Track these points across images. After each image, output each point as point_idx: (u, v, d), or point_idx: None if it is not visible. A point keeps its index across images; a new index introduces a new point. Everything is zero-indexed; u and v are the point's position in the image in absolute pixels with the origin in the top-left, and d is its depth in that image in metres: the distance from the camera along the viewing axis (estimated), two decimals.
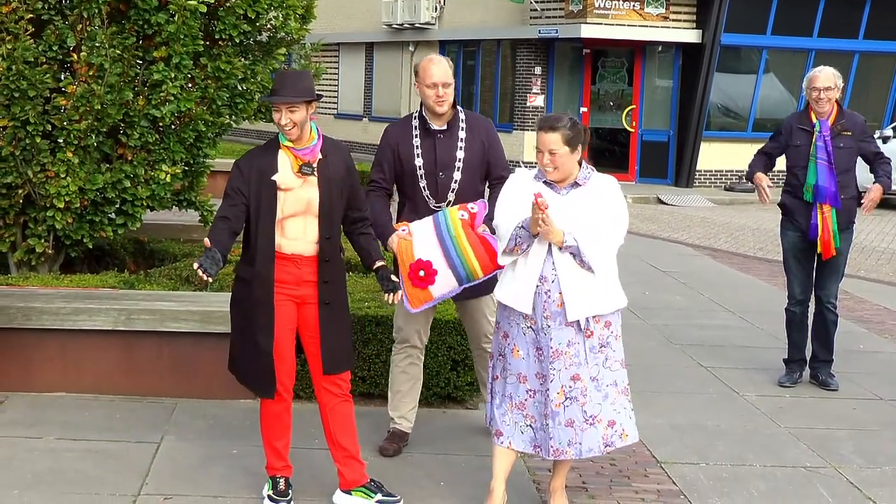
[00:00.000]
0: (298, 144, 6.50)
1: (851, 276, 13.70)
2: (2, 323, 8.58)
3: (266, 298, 6.44)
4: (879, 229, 21.75)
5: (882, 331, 12.40)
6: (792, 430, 8.75)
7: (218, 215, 6.45)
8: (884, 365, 10.88)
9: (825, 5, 28.79)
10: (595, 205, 6.55)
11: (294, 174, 6.49)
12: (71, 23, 9.68)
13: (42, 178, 9.70)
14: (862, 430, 8.81)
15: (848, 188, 9.62)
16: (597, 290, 6.52)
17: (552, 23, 27.96)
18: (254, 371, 6.57)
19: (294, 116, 6.37)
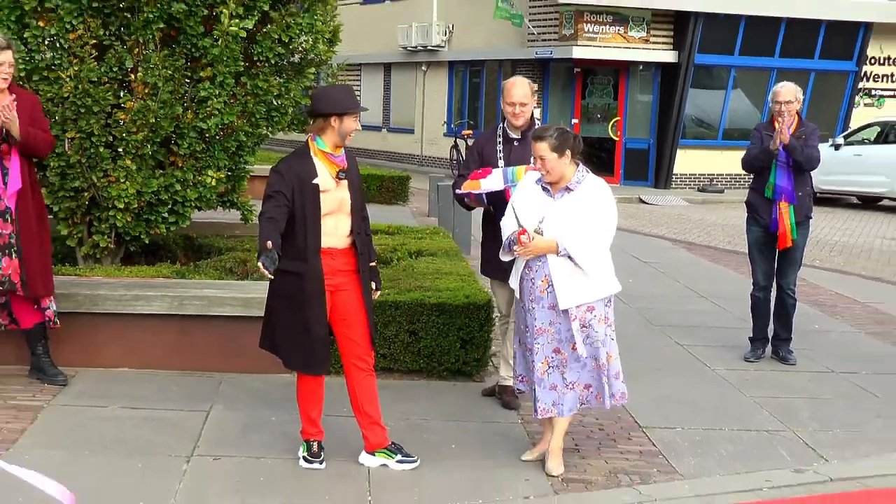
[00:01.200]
0: (336, 152, 6.63)
1: (808, 266, 13.73)
2: (71, 308, 8.65)
3: (320, 290, 6.56)
4: (833, 225, 21.74)
5: (834, 313, 12.45)
6: (756, 399, 8.84)
7: (266, 216, 6.42)
8: (835, 343, 10.95)
9: (785, 30, 28.76)
10: (583, 209, 6.76)
11: (332, 178, 6.60)
12: (129, 47, 9.70)
13: (105, 182, 9.74)
14: (817, 399, 8.89)
15: (804, 187, 9.73)
16: (584, 282, 6.74)
17: (547, 45, 27.91)
18: (306, 353, 6.66)
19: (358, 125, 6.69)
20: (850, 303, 13.17)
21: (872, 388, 9.30)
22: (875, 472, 7.36)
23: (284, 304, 6.66)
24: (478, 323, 8.93)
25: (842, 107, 30.18)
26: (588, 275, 6.72)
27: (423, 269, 10.12)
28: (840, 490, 7.06)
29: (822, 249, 17.59)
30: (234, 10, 9.64)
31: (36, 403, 7.91)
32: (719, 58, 28.57)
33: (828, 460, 7.48)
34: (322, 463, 6.88)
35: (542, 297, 6.84)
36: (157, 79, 9.59)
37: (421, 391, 8.66)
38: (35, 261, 8.09)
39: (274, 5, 10.20)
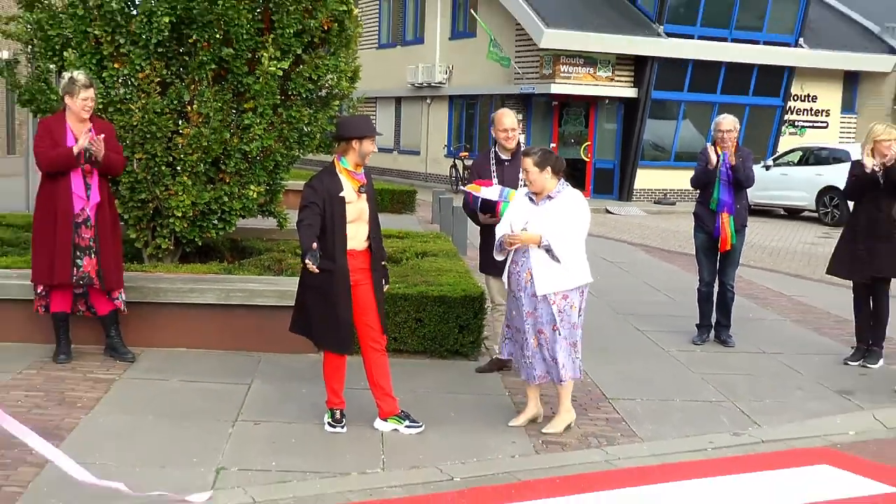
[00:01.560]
0: (357, 170, 6.72)
1: (744, 266, 13.68)
2: (138, 298, 8.67)
3: (346, 284, 6.63)
4: (764, 232, 21.73)
5: (766, 304, 12.45)
6: (702, 375, 8.85)
7: (304, 223, 6.48)
8: (766, 329, 10.94)
9: (725, 72, 28.78)
10: (561, 213, 6.91)
11: (354, 192, 6.68)
12: (186, 84, 9.72)
13: (166, 195, 9.75)
14: (751, 375, 8.90)
15: (741, 201, 9.75)
16: (558, 274, 6.85)
17: (530, 83, 27.91)
18: (336, 336, 6.71)
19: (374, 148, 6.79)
20: (777, 296, 13.17)
21: (796, 366, 9.30)
22: (798, 434, 7.40)
23: (317, 295, 6.68)
24: (472, 312, 8.94)
25: (771, 135, 30.22)
26: (563, 265, 6.84)
27: (427, 267, 10.12)
28: (770, 450, 7.07)
29: (756, 252, 17.59)
30: (272, 54, 9.66)
31: (109, 376, 7.93)
32: (671, 94, 28.59)
33: (760, 425, 7.50)
34: (344, 427, 6.91)
35: (526, 287, 6.95)
36: (209, 110, 9.62)
37: (425, 368, 8.65)
38: (110, 260, 8.14)
39: (305, 49, 10.20)
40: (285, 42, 9.85)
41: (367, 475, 6.16)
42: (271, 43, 9.75)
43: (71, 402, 7.24)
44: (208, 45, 9.60)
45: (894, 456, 7.03)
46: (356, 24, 10.61)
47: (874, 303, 9.39)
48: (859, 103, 32.48)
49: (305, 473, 6.12)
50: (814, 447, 7.19)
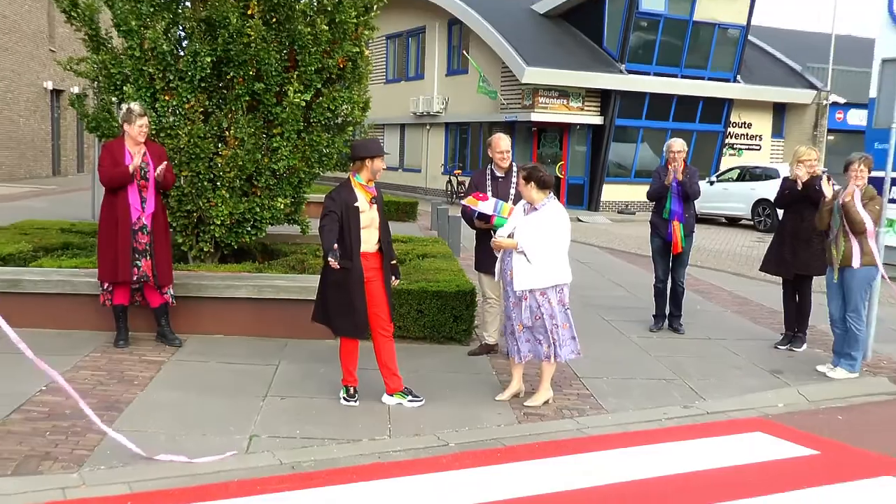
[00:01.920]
0: (369, 185, 6.75)
1: (693, 265, 13.73)
2: (184, 293, 8.66)
3: (361, 279, 6.65)
4: (709, 237, 21.75)
5: (710, 298, 12.44)
6: (658, 357, 8.85)
7: (326, 228, 6.51)
8: (711, 318, 10.93)
9: (676, 103, 28.83)
10: (541, 222, 6.93)
11: (367, 203, 6.71)
12: (224, 113, 9.69)
13: (207, 206, 9.73)
14: (698, 357, 8.90)
15: (690, 211, 9.77)
16: (533, 274, 6.89)
17: (513, 112, 27.92)
18: (353, 324, 6.71)
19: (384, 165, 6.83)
20: (720, 290, 13.17)
21: (735, 349, 9.30)
22: (736, 407, 7.42)
23: (337, 289, 6.68)
24: (465, 304, 8.93)
25: (714, 156, 30.27)
26: (536, 267, 6.86)
27: (427, 266, 10.09)
28: (714, 420, 7.11)
29: (702, 254, 17.60)
30: (297, 88, 9.65)
31: (160, 359, 7.92)
32: (631, 121, 28.60)
33: (705, 399, 7.52)
34: (356, 401, 6.92)
35: (511, 283, 6.99)
36: (244, 135, 9.59)
37: (425, 352, 8.62)
38: (162, 260, 8.17)
39: (325, 84, 10.17)
40: (308, 78, 9.84)
41: (375, 441, 6.17)
42: (296, 79, 9.75)
43: (129, 379, 7.24)
44: (243, 80, 9.60)
45: (815, 425, 7.07)
46: (367, 62, 10.59)
47: (799, 296, 9.44)
48: (786, 129, 32.54)
49: (324, 440, 6.12)
50: (750, 417, 7.20)
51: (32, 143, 30.92)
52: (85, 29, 9.90)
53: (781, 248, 9.25)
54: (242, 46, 9.41)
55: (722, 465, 6.04)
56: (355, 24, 10.09)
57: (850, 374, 8.35)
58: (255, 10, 9.53)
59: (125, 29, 9.58)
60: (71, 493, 5.10)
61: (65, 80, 32.96)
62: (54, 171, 33.33)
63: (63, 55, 31.42)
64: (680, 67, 28.72)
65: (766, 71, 31.81)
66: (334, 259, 6.40)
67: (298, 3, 9.81)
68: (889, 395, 8.09)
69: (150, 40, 9.38)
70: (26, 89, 30.21)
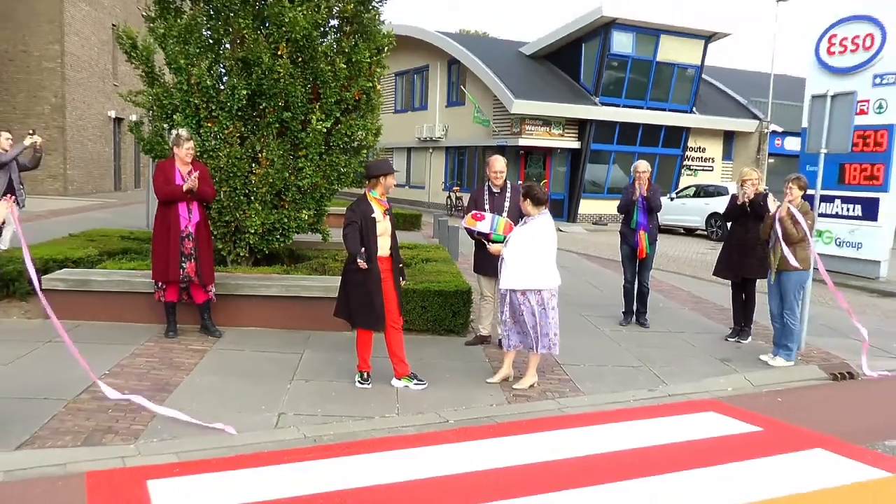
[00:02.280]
0: (382, 198, 6.76)
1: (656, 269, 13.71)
2: (223, 291, 8.63)
3: (378, 278, 6.63)
4: (670, 245, 21.71)
5: (671, 297, 12.39)
6: (627, 348, 8.81)
7: (350, 236, 6.54)
8: (671, 314, 10.87)
9: (641, 131, 28.82)
10: (528, 233, 6.94)
11: (382, 214, 6.70)
12: (258, 138, 9.68)
13: (243, 217, 9.71)
14: (661, 348, 8.86)
15: (653, 222, 9.74)
16: (513, 276, 6.90)
17: (504, 137, 27.89)
18: (372, 318, 6.66)
19: (395, 182, 6.81)
20: (679, 291, 13.13)
21: (692, 341, 9.26)
22: (693, 390, 7.38)
23: (358, 288, 6.65)
24: (462, 302, 8.88)
25: (674, 175, 30.22)
26: (517, 271, 6.87)
27: (429, 269, 10.05)
28: (674, 401, 7.06)
29: (664, 259, 17.57)
30: (319, 116, 9.65)
31: (203, 348, 7.88)
32: (604, 146, 28.56)
33: (667, 384, 7.47)
34: (369, 384, 6.87)
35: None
36: (274, 156, 9.58)
37: (428, 342, 8.58)
38: (205, 263, 8.13)
39: (343, 113, 10.15)
40: (328, 108, 9.83)
41: (386, 418, 6.13)
42: (318, 109, 9.74)
43: (177, 365, 7.21)
44: (274, 110, 9.59)
45: (759, 406, 7.04)
46: (379, 95, 10.58)
47: (745, 296, 9.42)
48: (734, 153, 32.49)
49: (342, 417, 6.09)
50: (704, 399, 7.17)
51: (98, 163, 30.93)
52: (142, 67, 9.90)
53: (730, 254, 9.24)
54: (273, 81, 9.41)
55: (681, 439, 6.01)
56: (369, 62, 10.08)
57: (787, 362, 8.33)
58: (283, 51, 9.55)
59: (175, 67, 9.58)
60: (129, 462, 5.09)
61: (125, 110, 33.00)
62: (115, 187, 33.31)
63: (124, 89, 31.54)
64: (645, 100, 28.72)
65: (717, 104, 31.86)
66: (362, 260, 6.44)
67: (321, 46, 9.79)
68: (819, 380, 8.06)
69: (196, 76, 9.38)
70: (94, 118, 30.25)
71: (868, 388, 7.86)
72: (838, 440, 6.08)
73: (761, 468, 5.42)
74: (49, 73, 27.08)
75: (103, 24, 31.01)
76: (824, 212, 15.50)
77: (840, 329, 10.27)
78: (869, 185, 15.04)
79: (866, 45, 14.89)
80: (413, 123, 33.78)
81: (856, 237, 15.29)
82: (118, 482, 4.78)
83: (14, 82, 26.95)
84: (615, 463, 5.44)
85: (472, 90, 29.23)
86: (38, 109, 27.12)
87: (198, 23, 9.70)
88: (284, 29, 9.51)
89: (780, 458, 5.63)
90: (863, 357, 8.43)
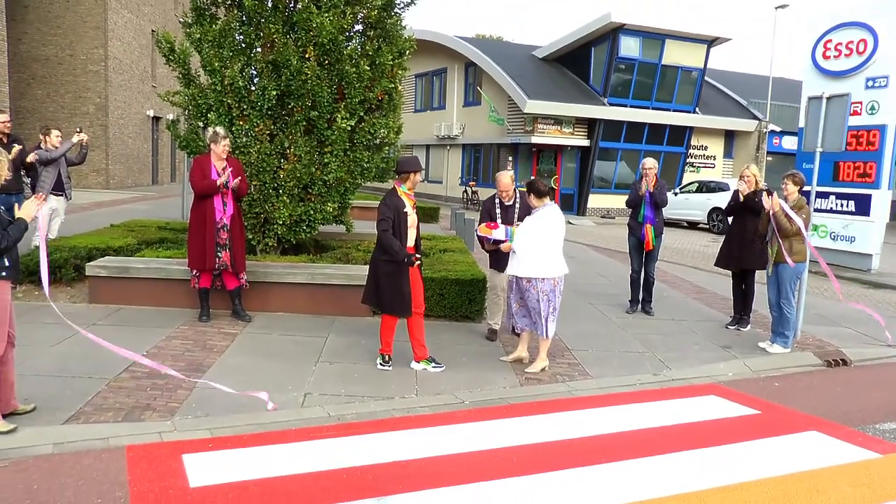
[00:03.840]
0: (411, 192, 6.72)
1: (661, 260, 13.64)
2: (253, 278, 8.63)
3: (407, 269, 6.60)
4: (674, 237, 21.57)
5: (675, 286, 12.29)
6: (633, 334, 8.75)
7: (388, 233, 6.50)
8: (675, 303, 10.78)
9: (647, 130, 28.66)
10: (529, 224, 6.97)
11: (411, 208, 6.69)
12: (286, 135, 9.69)
13: (272, 209, 9.73)
14: (665, 335, 8.79)
15: (659, 216, 9.64)
16: (523, 265, 6.89)
17: (517, 136, 27.80)
18: (402, 305, 6.64)
19: (422, 178, 6.77)
20: (683, 281, 13.03)
21: (694, 329, 9.20)
22: (695, 375, 7.32)
23: (390, 278, 6.61)
24: (477, 290, 8.86)
25: (678, 172, 30.03)
26: (522, 260, 6.87)
27: (447, 259, 10.04)
28: (677, 385, 7.02)
29: (668, 251, 17.46)
30: (344, 115, 9.64)
31: (234, 331, 7.90)
32: (612, 143, 28.42)
33: (671, 368, 7.43)
34: (390, 367, 6.86)
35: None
36: (302, 152, 9.59)
37: (445, 328, 8.57)
38: (238, 252, 8.15)
39: (366, 112, 10.16)
40: (353, 107, 9.82)
41: (405, 399, 6.13)
42: (343, 108, 9.73)
43: (210, 347, 7.24)
44: (301, 109, 9.59)
45: (756, 389, 6.98)
46: (400, 96, 10.56)
47: (745, 286, 9.34)
48: (735, 151, 32.22)
49: (363, 397, 6.09)
50: (705, 384, 7.11)
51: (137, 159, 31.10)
52: (179, 69, 9.92)
53: (730, 247, 9.17)
54: (301, 83, 9.41)
55: (683, 421, 5.97)
56: (391, 65, 10.06)
57: (784, 349, 8.26)
58: (311, 54, 9.53)
59: (210, 69, 9.60)
60: (166, 436, 5.12)
61: (162, 109, 33.16)
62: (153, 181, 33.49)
63: (162, 89, 31.71)
64: (651, 101, 28.52)
65: (718, 104, 31.58)
66: (410, 262, 6.52)
67: (346, 49, 9.78)
68: (814, 366, 7.99)
69: (229, 78, 9.40)
70: (134, 116, 30.42)
71: (860, 374, 7.78)
72: (832, 423, 6.03)
73: (759, 449, 5.38)
74: (93, 75, 27.26)
75: (143, 30, 31.15)
76: (820, 207, 15.37)
77: (833, 318, 10.17)
78: (862, 182, 14.88)
79: (860, 49, 14.73)
80: (432, 122, 33.72)
81: (849, 231, 15.14)
82: (156, 455, 4.81)
83: (62, 84, 27.18)
84: (621, 443, 5.41)
85: (488, 91, 29.13)
86: (83, 109, 27.32)
87: (231, 28, 9.71)
88: (312, 33, 9.51)
89: (776, 440, 5.58)
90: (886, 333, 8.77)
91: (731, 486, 4.70)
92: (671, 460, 5.09)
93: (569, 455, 5.11)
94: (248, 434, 5.24)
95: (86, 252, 9.44)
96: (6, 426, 5.02)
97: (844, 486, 4.77)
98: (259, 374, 6.49)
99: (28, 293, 8.92)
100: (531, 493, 4.48)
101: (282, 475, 4.57)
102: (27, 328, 7.36)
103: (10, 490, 4.28)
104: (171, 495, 4.26)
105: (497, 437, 5.38)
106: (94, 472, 4.54)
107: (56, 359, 6.59)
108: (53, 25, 26.97)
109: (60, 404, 5.52)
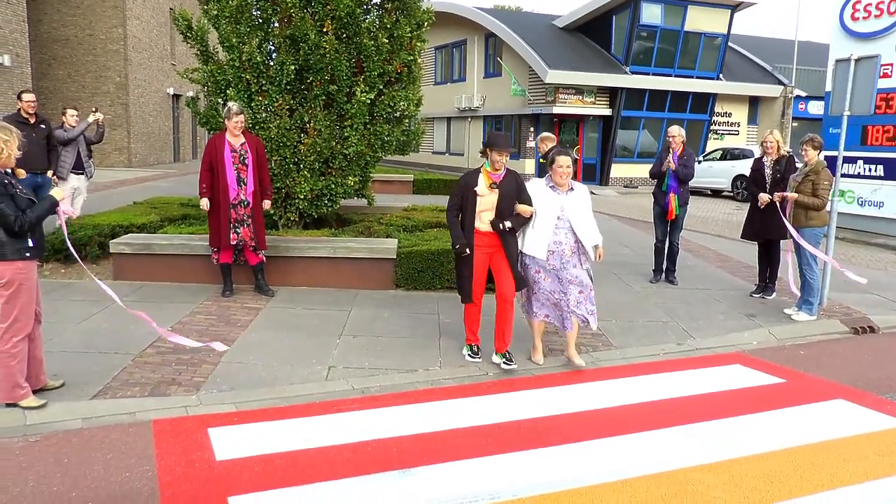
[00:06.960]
0: (495, 172, 6.14)
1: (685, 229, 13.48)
2: (275, 253, 8.69)
3: (471, 255, 6.16)
4: (698, 206, 21.31)
5: (699, 255, 12.15)
6: (656, 303, 8.70)
7: (450, 215, 6.19)
8: (699, 272, 10.66)
9: (670, 97, 28.25)
10: (579, 200, 6.36)
11: (486, 187, 6.13)
12: (306, 109, 9.67)
13: (293, 184, 9.73)
14: (688, 304, 8.72)
15: (684, 186, 9.54)
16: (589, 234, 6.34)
17: (539, 106, 27.55)
18: (461, 289, 6.29)
19: (504, 159, 6.08)
20: (706, 250, 12.88)
21: (718, 297, 9.11)
22: (719, 344, 7.27)
23: (455, 263, 6.37)
24: None
25: (702, 139, 29.64)
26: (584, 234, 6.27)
27: None
28: (701, 354, 6.97)
29: (692, 220, 17.27)
30: (363, 89, 9.58)
31: (258, 306, 7.94)
32: (635, 112, 28.07)
33: (694, 338, 7.36)
34: (479, 358, 6.38)
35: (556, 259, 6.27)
36: (321, 126, 9.55)
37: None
38: (259, 228, 8.17)
39: (386, 85, 10.10)
40: (372, 81, 9.76)
41: (429, 371, 6.13)
42: (362, 81, 9.67)
43: (233, 322, 7.28)
44: (320, 83, 9.54)
45: (782, 358, 6.91)
46: (419, 68, 10.47)
47: (769, 255, 9.23)
48: (759, 118, 31.72)
49: (387, 370, 6.10)
50: (730, 353, 7.06)
51: (159, 137, 31.27)
52: (197, 46, 9.91)
53: (753, 217, 9.07)
54: (319, 57, 9.35)
55: (708, 390, 5.93)
56: (410, 37, 9.98)
57: (809, 316, 8.17)
58: (329, 28, 9.46)
59: (228, 45, 9.57)
60: (192, 410, 5.17)
61: (182, 87, 33.25)
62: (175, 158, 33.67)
63: (181, 67, 31.73)
64: (673, 68, 28.10)
65: (742, 70, 31.05)
66: (462, 251, 6.08)
67: (364, 22, 9.71)
68: (840, 333, 7.89)
69: (247, 53, 9.36)
70: (154, 94, 30.53)
71: (888, 341, 7.67)
72: (859, 391, 5.96)
73: (785, 418, 5.33)
74: (113, 54, 27.34)
75: (161, 8, 31.14)
76: (847, 172, 15.11)
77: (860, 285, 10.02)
78: (891, 145, 14.58)
79: (890, 10, 14.36)
80: (452, 94, 33.50)
81: (878, 196, 14.87)
82: (182, 429, 4.86)
83: (83, 64, 27.31)
84: (645, 413, 5.39)
85: (508, 62, 28.85)
86: (104, 88, 27.45)
87: (248, 3, 9.65)
88: (329, 7, 9.43)
89: (802, 409, 5.53)
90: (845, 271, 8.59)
91: (756, 456, 4.66)
92: (696, 430, 5.06)
93: (593, 426, 5.10)
94: (272, 407, 5.28)
95: (109, 230, 9.52)
96: (36, 402, 5.10)
97: (872, 455, 4.72)
98: (284, 347, 6.53)
99: (55, 271, 9.03)
100: (555, 464, 4.48)
101: (307, 448, 4.61)
102: (55, 305, 7.46)
103: (42, 464, 4.36)
104: (198, 468, 4.31)
105: (521, 409, 5.37)
106: (122, 446, 4.61)
107: (83, 335, 6.67)
108: (73, 6, 27.05)
109: (88, 380, 5.59)
